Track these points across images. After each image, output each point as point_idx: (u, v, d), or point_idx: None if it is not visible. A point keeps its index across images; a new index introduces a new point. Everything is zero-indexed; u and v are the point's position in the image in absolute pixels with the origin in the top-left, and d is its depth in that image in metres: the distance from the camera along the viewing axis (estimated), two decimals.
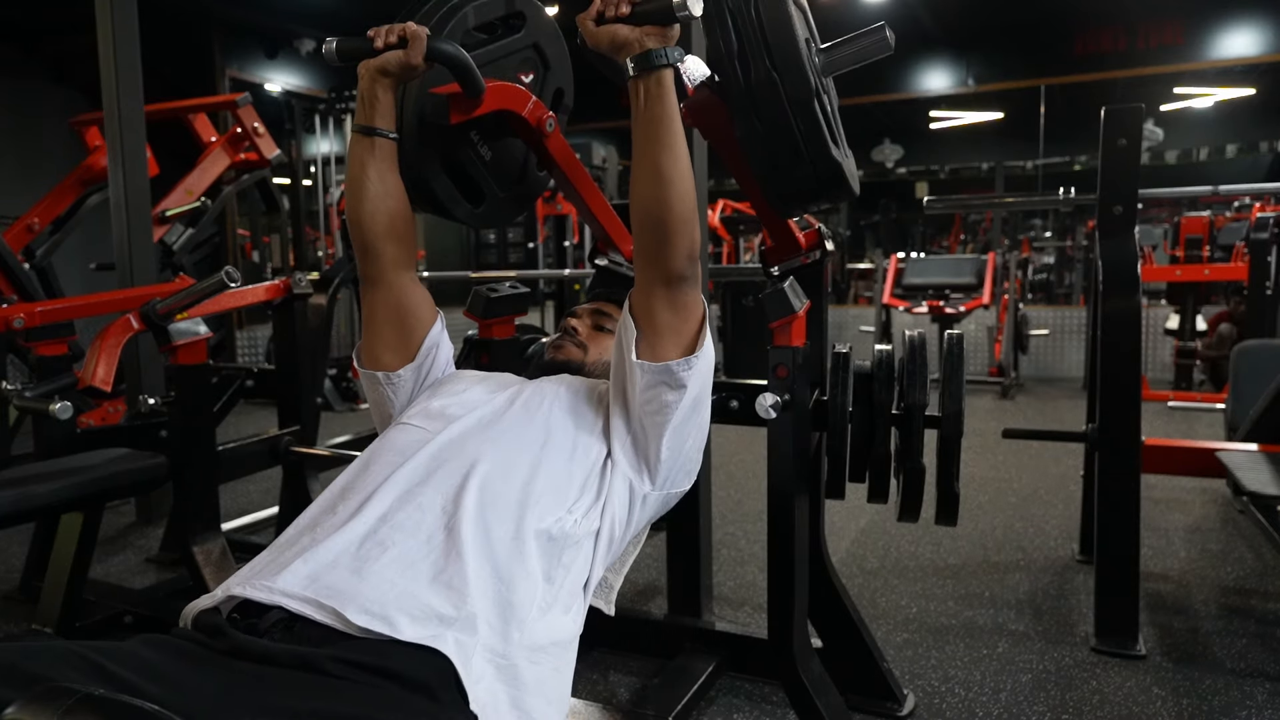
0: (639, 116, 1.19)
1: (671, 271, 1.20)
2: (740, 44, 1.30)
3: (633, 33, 1.17)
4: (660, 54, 1.16)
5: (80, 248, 4.01)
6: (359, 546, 1.02)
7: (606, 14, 1.18)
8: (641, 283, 1.24)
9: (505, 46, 1.54)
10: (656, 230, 1.19)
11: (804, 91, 1.30)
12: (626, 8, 1.17)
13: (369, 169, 1.33)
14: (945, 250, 11.27)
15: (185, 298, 1.93)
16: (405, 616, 0.93)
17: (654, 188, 1.17)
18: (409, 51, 1.26)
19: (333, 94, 6.60)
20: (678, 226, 1.18)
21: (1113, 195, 2.23)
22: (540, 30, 1.59)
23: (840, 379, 1.64)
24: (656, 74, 1.17)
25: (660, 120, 1.17)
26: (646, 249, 1.21)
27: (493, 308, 1.80)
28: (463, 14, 1.43)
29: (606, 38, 1.18)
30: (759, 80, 1.30)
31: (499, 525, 1.05)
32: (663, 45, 1.17)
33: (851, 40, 1.41)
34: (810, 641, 1.74)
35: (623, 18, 1.17)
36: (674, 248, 1.19)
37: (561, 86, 1.67)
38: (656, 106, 1.17)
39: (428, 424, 1.23)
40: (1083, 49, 8.24)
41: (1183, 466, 2.58)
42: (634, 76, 1.17)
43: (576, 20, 1.23)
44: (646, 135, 1.18)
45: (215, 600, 1.00)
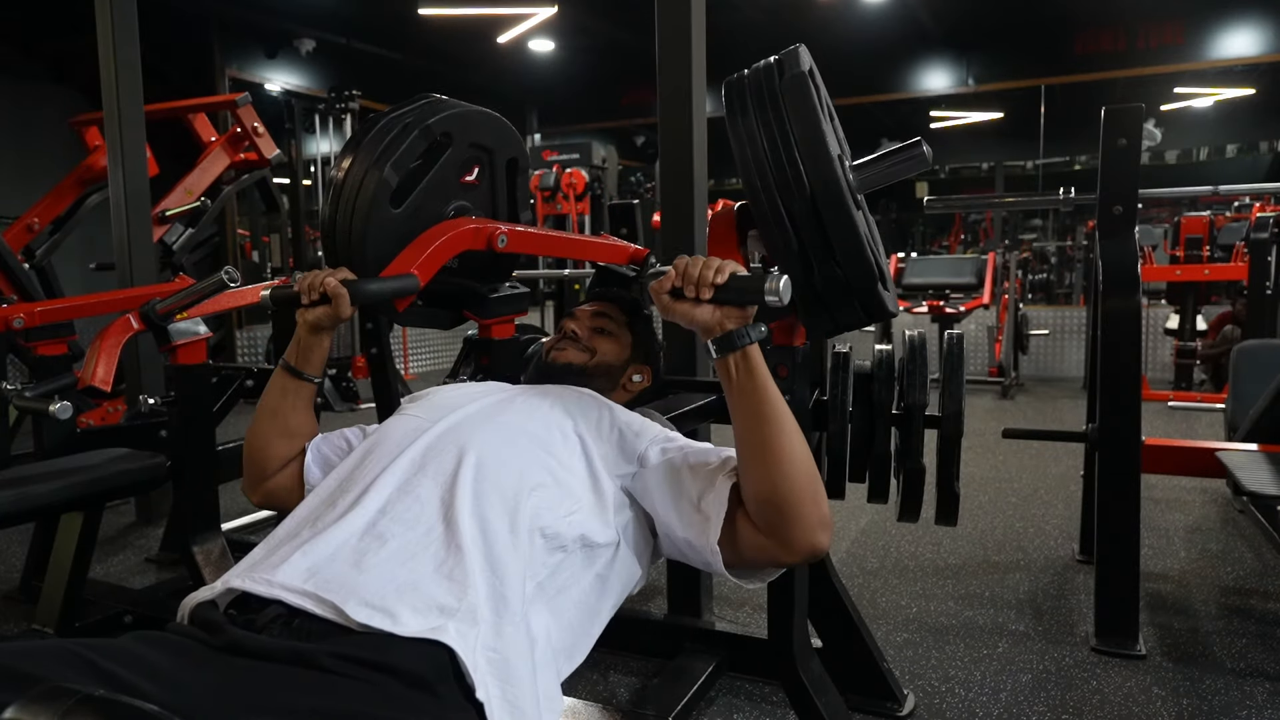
0: (732, 393, 1.11)
1: (805, 547, 1.08)
2: (801, 244, 1.28)
3: (713, 316, 1.09)
4: (742, 335, 1.09)
5: (80, 248, 4.02)
6: (359, 539, 1.02)
7: (686, 294, 1.10)
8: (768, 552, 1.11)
9: (443, 166, 1.57)
10: (778, 505, 1.07)
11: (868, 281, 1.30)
12: (708, 292, 1.08)
13: (285, 406, 1.34)
14: (945, 250, 11.27)
15: (185, 298, 1.93)
16: (407, 608, 0.93)
17: (764, 461, 1.08)
18: (335, 308, 1.27)
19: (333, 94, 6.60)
20: (802, 495, 1.07)
21: (1113, 195, 2.23)
22: (471, 130, 1.63)
23: (840, 379, 1.64)
24: (742, 351, 1.09)
25: (754, 393, 1.09)
26: (770, 526, 1.09)
27: (493, 308, 1.80)
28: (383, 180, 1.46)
29: (684, 317, 1.11)
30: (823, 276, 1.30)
31: (495, 517, 1.05)
32: (743, 325, 1.10)
33: (888, 156, 1.38)
34: (810, 641, 1.74)
35: (704, 301, 1.09)
36: (803, 518, 1.07)
37: (514, 155, 1.72)
38: (747, 382, 1.10)
39: (426, 413, 1.23)
40: (1083, 49, 8.25)
41: (1183, 466, 2.58)
42: (718, 357, 1.11)
43: (650, 290, 1.15)
44: (744, 411, 1.10)
45: (214, 593, 1.00)
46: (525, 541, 1.05)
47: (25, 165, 6.08)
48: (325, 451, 1.35)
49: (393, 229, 1.48)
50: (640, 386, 1.48)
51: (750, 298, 1.08)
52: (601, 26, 8.16)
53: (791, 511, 1.07)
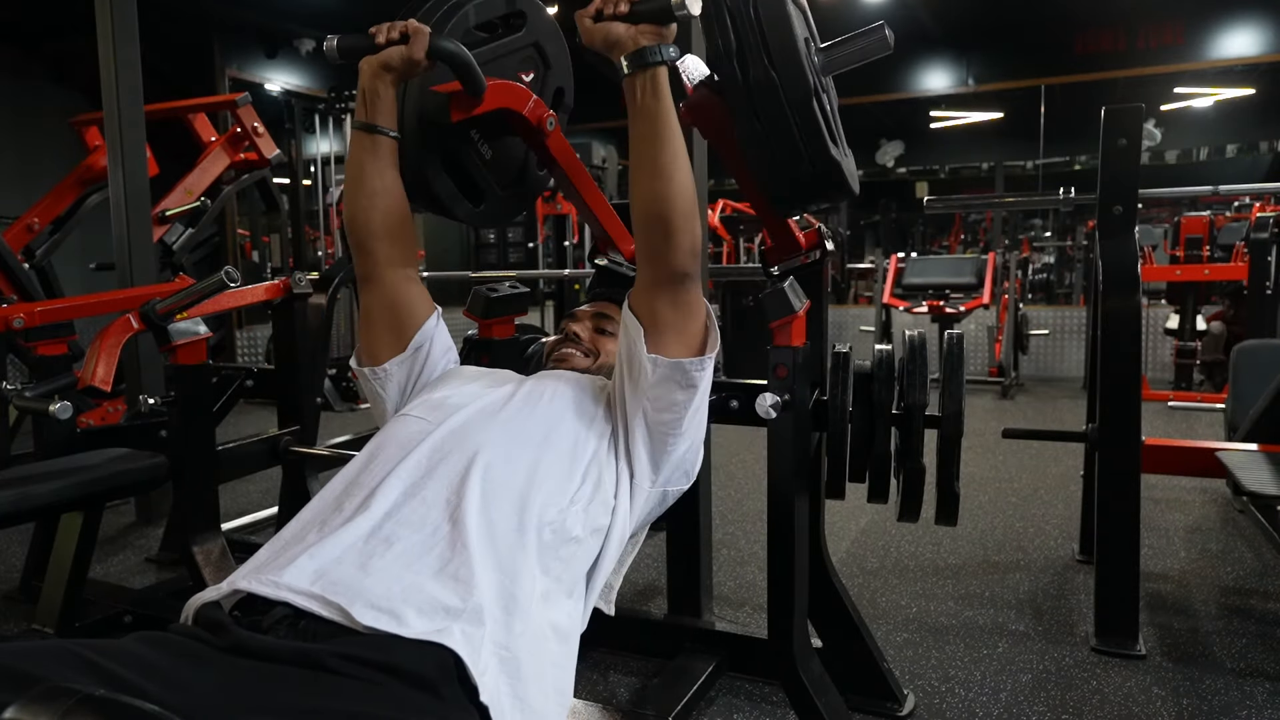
0: (635, 114, 1.19)
1: (674, 269, 1.20)
2: (739, 43, 1.30)
3: (627, 31, 1.17)
4: (654, 51, 1.17)
5: (80, 248, 4.01)
6: (365, 542, 1.02)
7: (605, 12, 1.18)
8: (643, 281, 1.24)
9: (506, 45, 1.53)
10: (658, 227, 1.19)
11: (802, 91, 1.30)
12: (625, 6, 1.17)
13: (368, 167, 1.33)
14: (945, 250, 11.27)
15: (185, 298, 1.93)
16: (412, 610, 0.93)
17: (654, 184, 1.18)
18: (411, 47, 1.27)
19: (333, 94, 6.60)
20: (679, 223, 1.18)
21: (1113, 195, 2.23)
22: (541, 29, 1.59)
23: (840, 379, 1.64)
24: (651, 71, 1.17)
25: (656, 117, 1.17)
26: (648, 247, 1.21)
27: (493, 308, 1.80)
28: (464, 12, 1.43)
29: (601, 36, 1.19)
30: (758, 80, 1.30)
31: (502, 517, 1.05)
32: (658, 43, 1.17)
33: (851, 40, 1.41)
34: (810, 641, 1.74)
35: (620, 16, 1.17)
36: (676, 245, 1.19)
37: (562, 86, 1.67)
38: (651, 103, 1.17)
39: (429, 415, 1.23)
40: (1083, 49, 8.24)
41: (1183, 466, 2.58)
42: (628, 74, 1.17)
43: (575, 17, 1.23)
44: (643, 133, 1.18)
45: (220, 594, 1.00)
46: (534, 538, 1.06)
47: (25, 165, 6.08)
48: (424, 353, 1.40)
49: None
50: None
51: (662, 10, 1.16)
52: None
53: (671, 232, 1.18)
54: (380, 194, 1.34)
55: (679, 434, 1.25)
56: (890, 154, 10.70)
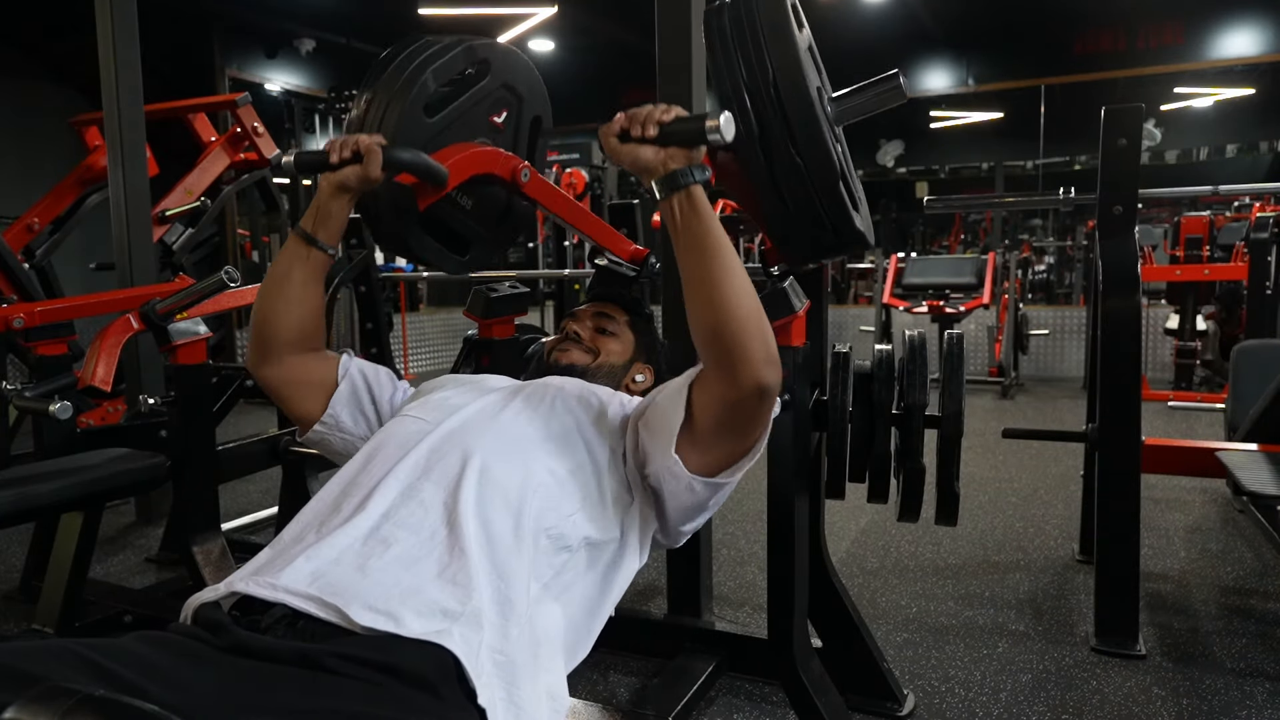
0: (677, 234, 1.13)
1: (754, 383, 1.10)
2: (761, 128, 1.27)
3: (656, 156, 1.11)
4: (686, 174, 1.11)
5: (80, 248, 4.01)
6: (363, 544, 1.02)
7: (631, 134, 1.12)
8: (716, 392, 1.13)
9: (473, 96, 1.53)
10: (724, 342, 1.09)
11: (829, 176, 1.27)
12: (653, 129, 1.11)
13: (295, 275, 1.30)
14: (945, 250, 11.27)
15: (185, 298, 1.93)
16: (410, 612, 0.93)
17: (710, 297, 1.09)
18: (365, 167, 1.23)
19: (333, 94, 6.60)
20: (748, 331, 1.09)
21: (1113, 195, 2.23)
22: (507, 70, 1.59)
23: (840, 379, 1.64)
24: (685, 191, 1.11)
25: (700, 234, 1.11)
26: (718, 366, 1.11)
27: (493, 308, 1.80)
28: (422, 82, 1.41)
29: (629, 158, 1.13)
30: (783, 166, 1.27)
31: (499, 519, 1.05)
32: (688, 165, 1.11)
33: (865, 89, 1.37)
34: (810, 641, 1.74)
35: (648, 139, 1.11)
36: (749, 356, 1.09)
37: (538, 113, 1.68)
38: (693, 220, 1.11)
39: (428, 415, 1.23)
40: (1083, 49, 8.25)
41: (1183, 466, 2.58)
42: (663, 198, 1.12)
43: (599, 134, 1.16)
44: (689, 249, 1.12)
45: (218, 594, 1.00)
46: (530, 543, 1.05)
47: (25, 165, 6.08)
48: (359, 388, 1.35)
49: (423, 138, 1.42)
50: (643, 386, 1.48)
51: (692, 133, 1.10)
52: (601, 26, 8.16)
53: (739, 346, 1.09)
54: (299, 303, 1.30)
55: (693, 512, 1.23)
56: (890, 154, 10.70)
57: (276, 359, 1.32)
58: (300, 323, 1.31)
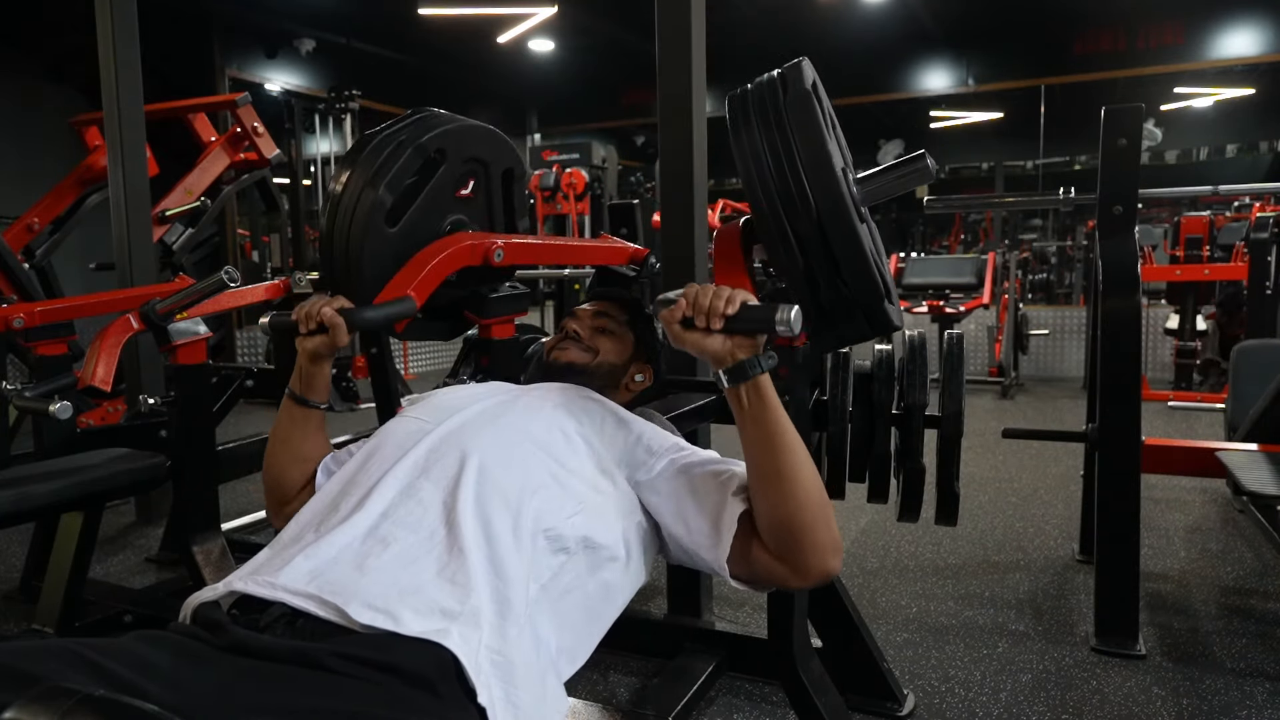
0: (744, 424, 1.11)
1: (819, 572, 1.09)
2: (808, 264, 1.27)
3: (723, 345, 1.08)
4: (754, 364, 1.08)
5: (80, 248, 4.01)
6: (361, 542, 1.02)
7: (696, 324, 1.09)
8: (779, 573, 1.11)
9: (438, 182, 1.58)
10: (793, 533, 1.08)
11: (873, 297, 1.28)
12: (719, 323, 1.07)
13: (292, 433, 1.36)
14: (945, 250, 11.27)
15: (185, 298, 1.93)
16: (409, 611, 0.93)
17: (779, 490, 1.08)
18: (332, 336, 1.28)
19: (333, 94, 6.60)
20: (816, 523, 1.07)
21: (1113, 195, 2.23)
22: (466, 144, 1.64)
23: (840, 379, 1.64)
24: (754, 381, 1.09)
25: (767, 424, 1.09)
26: (782, 553, 1.09)
27: (493, 308, 1.80)
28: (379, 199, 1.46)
29: (694, 347, 1.10)
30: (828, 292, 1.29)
31: (498, 520, 1.05)
32: (754, 354, 1.08)
33: (891, 169, 1.37)
34: (810, 641, 1.74)
35: (715, 331, 1.08)
36: (816, 544, 1.08)
37: (509, 166, 1.73)
38: (759, 411, 1.09)
39: (429, 415, 1.23)
40: (1083, 49, 8.25)
41: (1183, 466, 2.58)
42: (729, 387, 1.10)
43: (660, 318, 1.13)
44: (756, 439, 1.10)
45: (217, 594, 1.00)
46: (528, 544, 1.05)
47: (25, 165, 6.08)
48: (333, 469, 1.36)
49: (389, 248, 1.49)
50: (642, 386, 1.48)
51: (761, 327, 1.07)
52: (601, 26, 8.16)
53: (804, 537, 1.07)
54: (305, 457, 1.36)
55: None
56: (890, 154, 10.69)
57: (290, 504, 1.36)
58: (307, 472, 1.37)
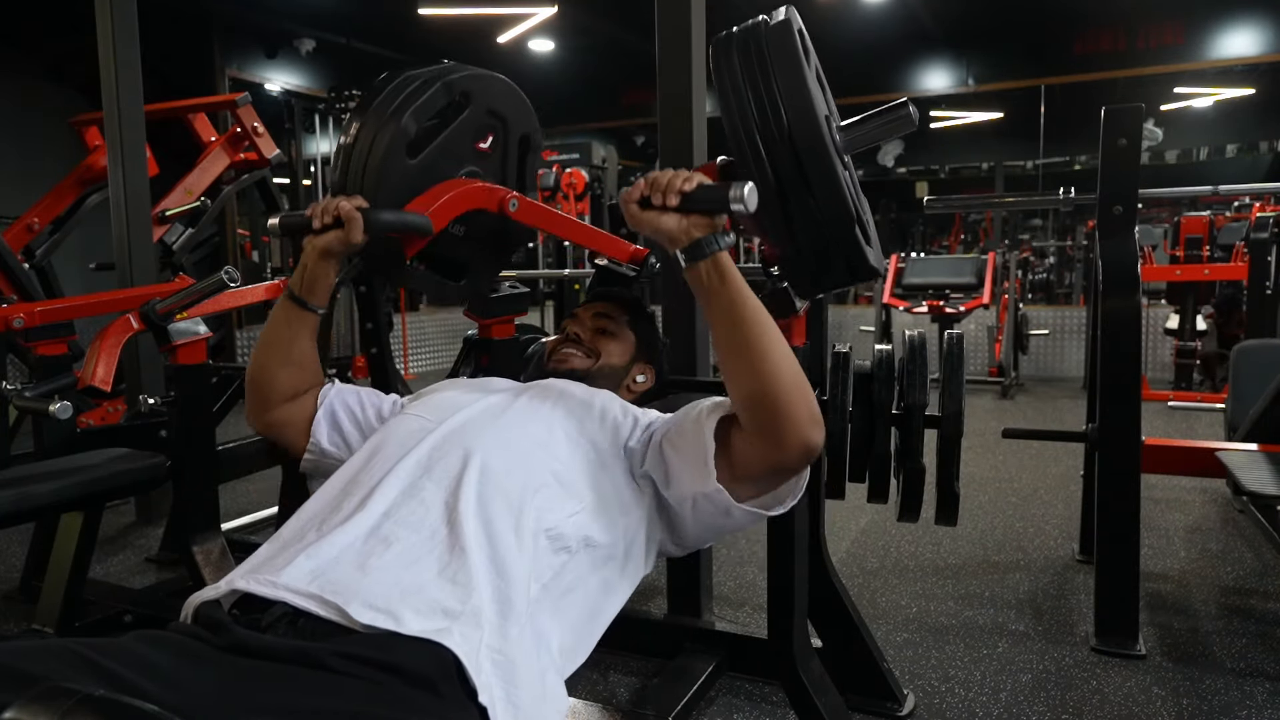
0: (707, 302, 1.12)
1: (799, 446, 1.09)
2: (778, 179, 1.26)
3: (679, 225, 1.10)
4: (710, 242, 1.10)
5: (80, 248, 4.01)
6: (364, 542, 1.02)
7: (653, 201, 1.12)
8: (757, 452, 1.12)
9: (457, 128, 1.55)
10: (767, 408, 1.09)
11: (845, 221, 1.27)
12: (675, 199, 1.10)
13: (283, 333, 1.33)
14: (945, 250, 11.27)
15: (185, 298, 1.93)
16: (410, 611, 0.93)
17: (748, 365, 1.09)
18: (347, 232, 1.25)
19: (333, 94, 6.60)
20: (790, 395, 1.08)
21: (1113, 195, 2.23)
22: (490, 97, 1.61)
23: (840, 379, 1.64)
24: (711, 259, 1.10)
25: (730, 300, 1.10)
26: (761, 431, 1.10)
27: (493, 308, 1.80)
28: (401, 127, 1.43)
29: (650, 226, 1.12)
30: (799, 212, 1.27)
31: (499, 519, 1.05)
32: (711, 233, 1.10)
33: (874, 117, 1.37)
34: (810, 641, 1.74)
35: (670, 209, 1.11)
36: (792, 418, 1.08)
37: (526, 132, 1.70)
38: (720, 287, 1.10)
39: (431, 414, 1.23)
40: (1083, 49, 8.24)
41: (1183, 466, 2.58)
42: (688, 266, 1.12)
43: (620, 202, 1.16)
44: (721, 318, 1.11)
45: (218, 593, 1.00)
46: (530, 543, 1.05)
47: (25, 165, 6.08)
48: (337, 410, 1.36)
49: (406, 181, 1.44)
50: (644, 386, 1.48)
51: (716, 204, 1.10)
52: (601, 26, 8.16)
53: (781, 408, 1.08)
54: (293, 361, 1.34)
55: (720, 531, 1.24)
56: (890, 154, 10.69)
57: (271, 410, 1.35)
58: (294, 379, 1.35)
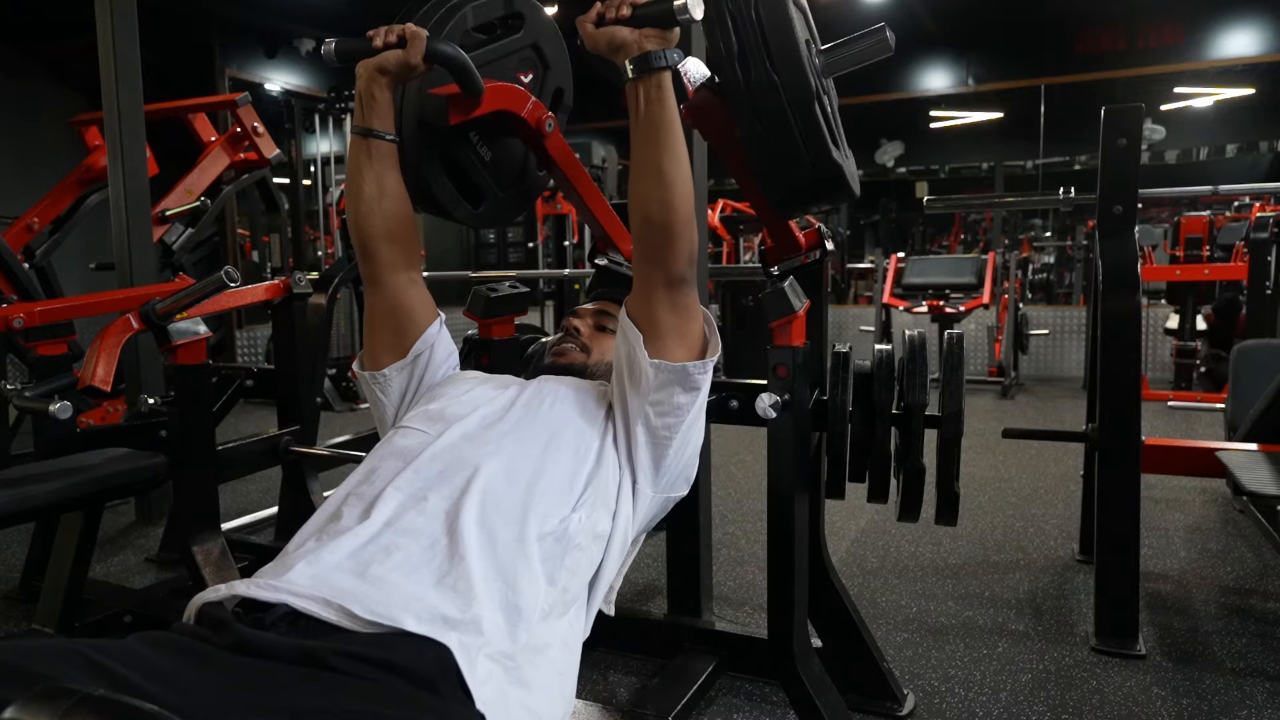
0: (638, 119, 1.19)
1: (673, 273, 1.21)
2: (740, 46, 1.30)
3: (632, 35, 1.17)
4: (659, 56, 1.17)
5: (80, 248, 4.02)
6: (363, 550, 1.02)
7: (607, 16, 1.19)
8: (641, 286, 1.24)
9: (505, 46, 1.54)
10: (658, 233, 1.19)
11: (804, 93, 1.30)
12: (627, 10, 1.18)
13: (366, 171, 1.34)
14: (945, 250, 11.26)
15: (185, 297, 1.93)
16: (411, 617, 0.93)
17: (656, 190, 1.18)
18: (408, 51, 1.27)
19: (332, 94, 6.60)
20: (679, 229, 1.19)
21: (1113, 195, 2.23)
22: (539, 30, 1.59)
23: (840, 379, 1.64)
24: (656, 76, 1.18)
25: (660, 123, 1.18)
26: (648, 251, 1.22)
27: (493, 307, 1.80)
28: (462, 14, 1.43)
29: (605, 40, 1.19)
30: (759, 82, 1.30)
31: (503, 528, 1.05)
32: (662, 47, 1.18)
33: (852, 41, 1.41)
34: (810, 641, 1.74)
35: (623, 20, 1.18)
36: (675, 250, 1.20)
37: (561, 86, 1.67)
38: (656, 109, 1.18)
39: (428, 427, 1.23)
40: (1083, 49, 8.25)
41: (1183, 466, 2.57)
42: (633, 79, 1.18)
43: (576, 22, 1.23)
44: (646, 138, 1.19)
45: (220, 595, 1.00)
46: (535, 547, 1.06)
47: (25, 165, 6.08)
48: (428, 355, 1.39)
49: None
50: None
51: (664, 14, 1.17)
52: None
53: (674, 235, 1.19)
54: (381, 198, 1.35)
55: (681, 437, 1.25)
56: (890, 154, 10.69)
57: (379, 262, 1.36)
58: (388, 219, 1.36)
